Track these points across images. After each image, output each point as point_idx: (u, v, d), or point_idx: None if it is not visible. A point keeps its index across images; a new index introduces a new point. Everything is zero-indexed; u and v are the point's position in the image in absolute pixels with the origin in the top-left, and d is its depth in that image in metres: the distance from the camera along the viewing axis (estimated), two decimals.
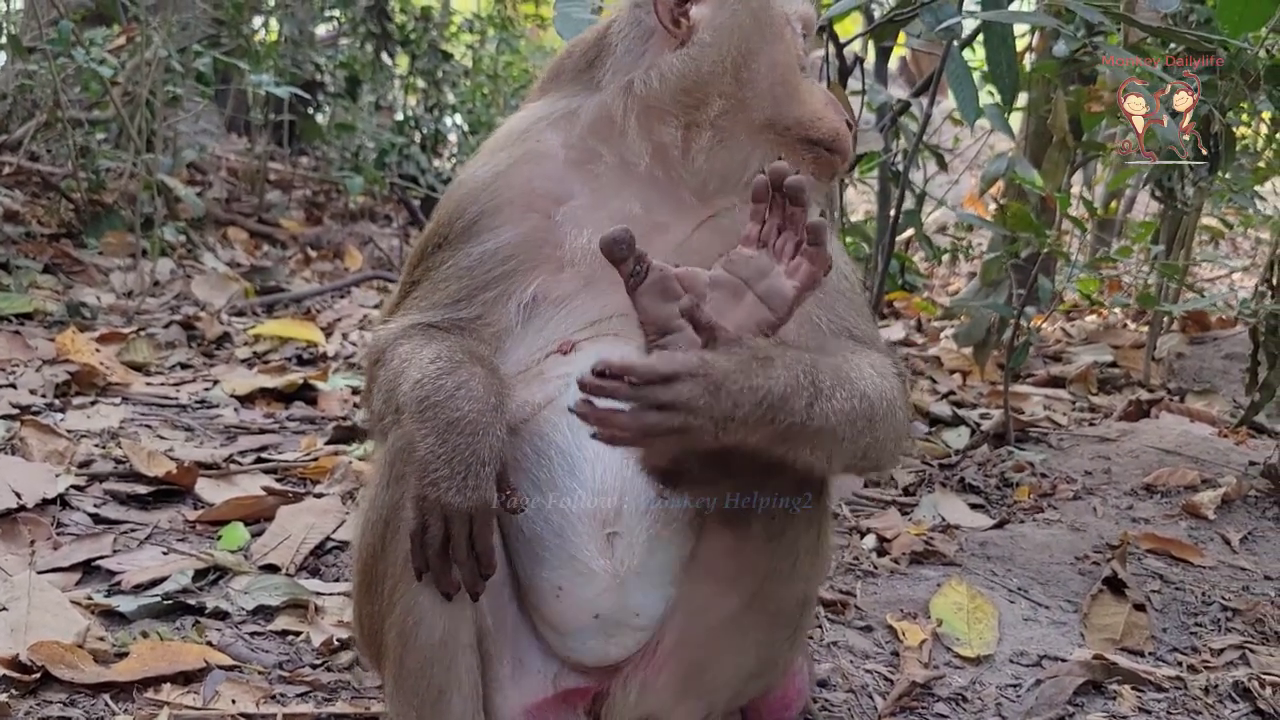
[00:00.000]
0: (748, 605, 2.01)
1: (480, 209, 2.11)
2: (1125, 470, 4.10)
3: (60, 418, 3.98)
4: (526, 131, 2.19)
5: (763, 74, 2.08)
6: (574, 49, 2.26)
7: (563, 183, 2.12)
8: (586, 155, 2.13)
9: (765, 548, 1.99)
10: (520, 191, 2.12)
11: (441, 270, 2.12)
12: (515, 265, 2.09)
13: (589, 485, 2.01)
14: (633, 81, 2.10)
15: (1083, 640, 3.04)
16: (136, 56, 7.13)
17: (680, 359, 1.73)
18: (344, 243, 8.34)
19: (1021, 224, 4.53)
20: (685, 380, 1.71)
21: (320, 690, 2.57)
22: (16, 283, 5.73)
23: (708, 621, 2.03)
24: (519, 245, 2.09)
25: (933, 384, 5.27)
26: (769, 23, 2.12)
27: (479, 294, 2.08)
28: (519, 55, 12.54)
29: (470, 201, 2.13)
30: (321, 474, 3.67)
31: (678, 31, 2.09)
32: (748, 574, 2.00)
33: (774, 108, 2.08)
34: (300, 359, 5.26)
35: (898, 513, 3.70)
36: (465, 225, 2.12)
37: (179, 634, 2.72)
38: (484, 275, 2.09)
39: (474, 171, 2.19)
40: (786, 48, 2.13)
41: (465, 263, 2.10)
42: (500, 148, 2.20)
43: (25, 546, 3.03)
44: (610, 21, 2.21)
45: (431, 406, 1.87)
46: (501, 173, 2.14)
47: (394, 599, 1.99)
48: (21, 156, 7.70)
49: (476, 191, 2.14)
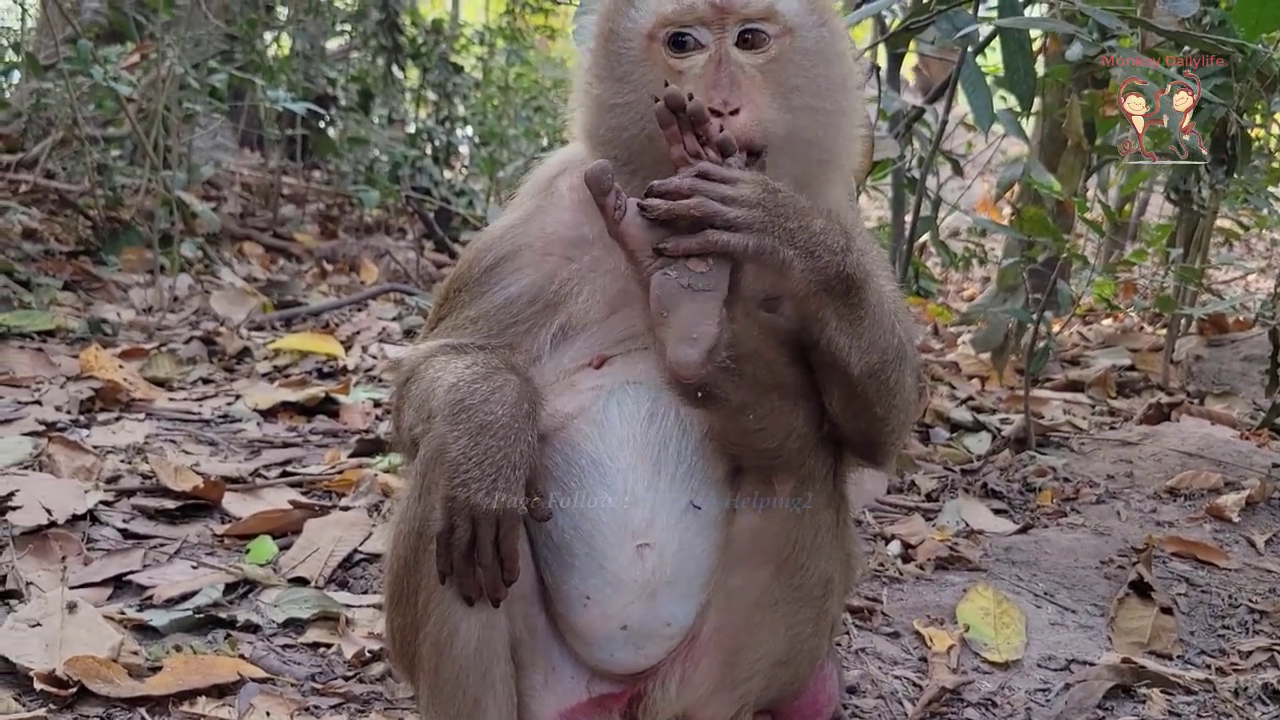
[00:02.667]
0: (775, 576, 2.04)
1: (499, 256, 2.16)
2: (1148, 474, 4.10)
3: (86, 434, 4.01)
4: (544, 179, 2.24)
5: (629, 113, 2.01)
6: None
7: (575, 227, 2.14)
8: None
9: (789, 519, 2.02)
10: (538, 237, 2.15)
11: (468, 310, 2.16)
12: (542, 305, 2.12)
13: (620, 495, 2.02)
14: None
15: (1110, 644, 3.04)
16: (151, 73, 7.18)
17: (741, 170, 1.83)
18: (359, 256, 8.37)
19: (1038, 229, 4.53)
20: (747, 183, 1.80)
21: (353, 702, 2.59)
22: (38, 300, 5.77)
23: (742, 602, 2.05)
24: (542, 288, 2.12)
25: (951, 389, 5.27)
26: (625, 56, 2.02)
27: (508, 330, 2.12)
28: (529, 67, 12.59)
29: (487, 250, 2.18)
30: (347, 487, 3.69)
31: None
32: (773, 545, 2.03)
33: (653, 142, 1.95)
34: (320, 372, 5.29)
35: (921, 519, 3.70)
36: (485, 271, 2.16)
37: (211, 647, 2.74)
38: (510, 317, 2.13)
39: (500, 220, 2.27)
40: (650, 69, 2.00)
41: (489, 305, 2.14)
42: (523, 199, 2.25)
43: (57, 562, 3.05)
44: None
45: (465, 410, 1.90)
46: (520, 221, 2.19)
47: (428, 610, 2.00)
48: (38, 174, 7.76)
49: (495, 240, 2.19)
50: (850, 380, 1.93)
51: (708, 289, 1.79)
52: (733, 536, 2.05)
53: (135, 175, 7.37)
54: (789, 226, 1.81)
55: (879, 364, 1.93)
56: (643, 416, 2.04)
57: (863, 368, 1.92)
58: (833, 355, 1.90)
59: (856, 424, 2.03)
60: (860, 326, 1.90)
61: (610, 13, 2.06)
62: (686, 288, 1.79)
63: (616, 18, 2.05)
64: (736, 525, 2.05)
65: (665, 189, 1.79)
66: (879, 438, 2.08)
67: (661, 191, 1.79)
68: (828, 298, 1.86)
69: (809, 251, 1.82)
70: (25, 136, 8.26)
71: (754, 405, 1.93)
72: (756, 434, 1.97)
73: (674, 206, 1.78)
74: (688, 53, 1.97)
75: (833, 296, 1.86)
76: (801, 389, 1.98)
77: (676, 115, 1.80)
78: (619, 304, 2.08)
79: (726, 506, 2.05)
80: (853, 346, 1.90)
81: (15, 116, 8.26)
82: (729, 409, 1.93)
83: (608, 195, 1.78)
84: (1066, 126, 5.21)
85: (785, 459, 2.00)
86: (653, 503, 2.02)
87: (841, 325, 1.88)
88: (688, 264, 1.79)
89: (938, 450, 4.36)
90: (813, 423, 2.01)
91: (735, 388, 1.89)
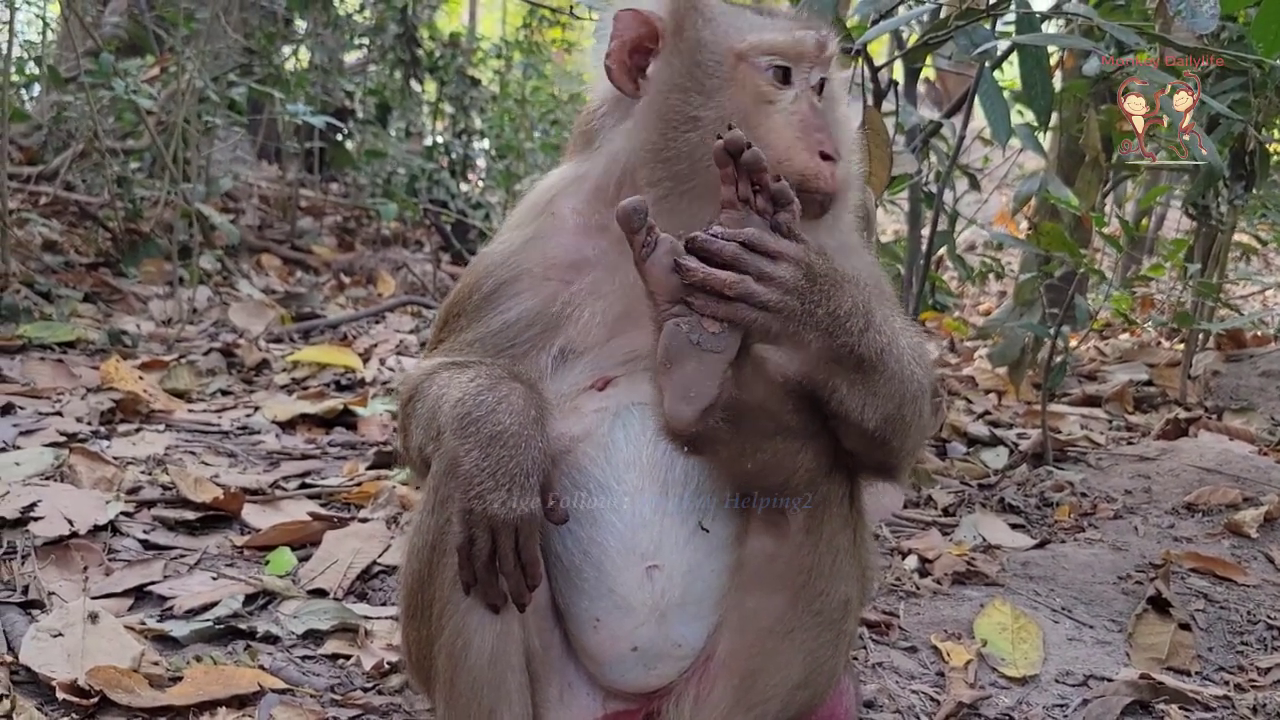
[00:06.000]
0: (792, 604, 2.02)
1: (498, 281, 2.15)
2: (1166, 489, 4.09)
3: (106, 445, 4.03)
4: (541, 201, 2.22)
5: (707, 130, 1.96)
6: (583, 113, 2.25)
7: (575, 250, 2.13)
8: (594, 222, 2.14)
9: (805, 544, 2.00)
10: (538, 263, 2.14)
11: (466, 334, 2.17)
12: (540, 328, 2.12)
13: (628, 518, 2.02)
14: (615, 152, 2.10)
15: (1128, 660, 3.04)
16: (170, 86, 7.24)
17: (787, 242, 1.78)
18: (377, 268, 8.41)
19: (1056, 243, 4.53)
20: (790, 262, 1.76)
21: (372, 713, 2.60)
22: (58, 312, 5.81)
23: (756, 627, 2.04)
24: (540, 313, 2.12)
25: (968, 404, 5.27)
26: (710, 70, 2.01)
27: (506, 351, 2.12)
28: (545, 80, 12.65)
29: (487, 275, 2.17)
30: (365, 499, 3.71)
31: (636, 93, 2.06)
32: (790, 573, 2.01)
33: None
34: (339, 385, 5.31)
35: (939, 533, 3.70)
36: (484, 297, 2.16)
37: (231, 658, 2.75)
38: (508, 340, 2.13)
39: (495, 245, 2.23)
40: (739, 90, 2.00)
41: (487, 329, 2.14)
42: (520, 221, 2.23)
43: (78, 573, 3.07)
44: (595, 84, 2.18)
45: (473, 422, 1.90)
46: (519, 245, 2.17)
47: (443, 622, 2.01)
48: (58, 186, 7.83)
49: (495, 265, 2.17)
50: (865, 431, 1.92)
51: (716, 350, 1.78)
52: (745, 559, 2.04)
53: (154, 188, 7.43)
54: (817, 313, 1.78)
55: (894, 412, 1.91)
56: (648, 438, 2.02)
57: (878, 420, 1.90)
58: (845, 414, 1.89)
59: (871, 456, 2.02)
60: (874, 389, 1.88)
61: (695, 21, 2.03)
62: (695, 344, 1.77)
63: (703, 28, 2.03)
64: (748, 548, 2.03)
65: (707, 248, 1.75)
66: (895, 462, 2.07)
67: (702, 251, 1.75)
68: (839, 369, 1.84)
69: (829, 332, 1.80)
70: (45, 149, 8.34)
71: (753, 453, 1.93)
72: (758, 474, 1.97)
73: (709, 277, 1.74)
74: (786, 87, 2.00)
75: (845, 369, 1.85)
76: (809, 430, 1.95)
77: (733, 159, 1.75)
78: (620, 327, 2.07)
79: (736, 528, 2.04)
80: (866, 405, 1.88)
81: (35, 129, 8.33)
82: (726, 456, 1.94)
83: (638, 233, 1.75)
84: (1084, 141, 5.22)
85: (794, 490, 1.99)
86: (660, 525, 2.02)
87: (853, 391, 1.87)
88: (703, 321, 1.77)
89: (954, 465, 4.36)
90: (822, 456, 1.99)
91: (733, 438, 1.89)
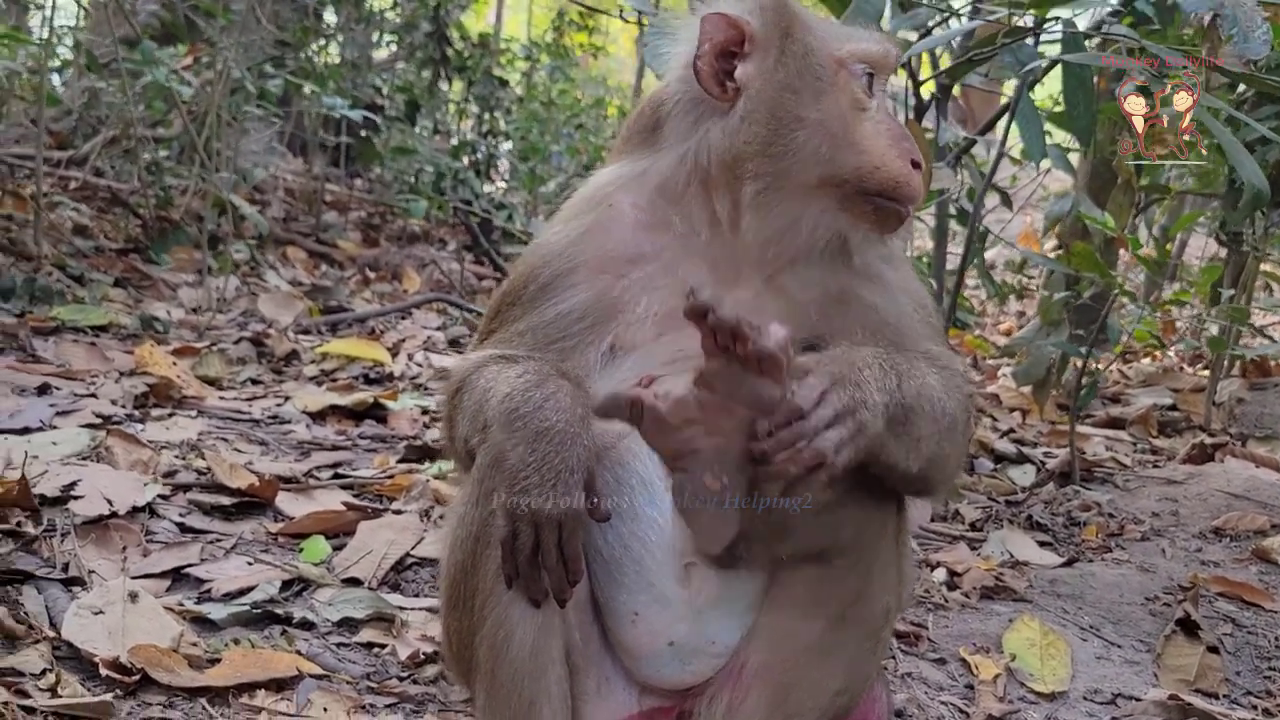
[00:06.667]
0: (832, 628, 2.03)
1: (554, 272, 2.15)
2: (1193, 513, 4.10)
3: (141, 428, 4.06)
4: (599, 195, 2.21)
5: (813, 130, 1.99)
6: (642, 110, 2.24)
7: (634, 245, 2.14)
8: (655, 218, 2.14)
9: (848, 575, 2.01)
10: (594, 255, 2.14)
11: (518, 324, 2.17)
12: (591, 321, 2.12)
13: (668, 514, 2.02)
14: (687, 151, 2.09)
15: (1156, 680, 3.05)
16: (203, 75, 7.29)
17: (813, 384, 1.81)
18: (402, 265, 8.44)
19: (1087, 264, 4.54)
20: (834, 391, 1.81)
21: (408, 702, 2.62)
22: (90, 295, 5.85)
23: (792, 646, 2.05)
24: (593, 305, 2.12)
25: (993, 421, 5.28)
26: (816, 74, 2.03)
27: (556, 344, 2.12)
28: (572, 84, 12.70)
29: (544, 265, 2.16)
30: (398, 491, 3.73)
31: (724, 96, 2.05)
32: (831, 601, 2.02)
33: (829, 162, 2.00)
34: (367, 378, 5.34)
35: (966, 547, 3.72)
36: (540, 287, 2.15)
37: (268, 642, 2.78)
38: (560, 332, 2.13)
39: (550, 235, 2.22)
40: (840, 95, 2.03)
41: (540, 320, 2.14)
42: (576, 213, 2.22)
43: (117, 552, 3.10)
44: (668, 84, 2.17)
45: (520, 417, 1.91)
46: (576, 237, 2.17)
47: (485, 613, 2.02)
48: (87, 172, 7.88)
49: (551, 255, 2.17)
50: (909, 475, 1.94)
51: (722, 503, 1.85)
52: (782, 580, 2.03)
53: (185, 176, 7.48)
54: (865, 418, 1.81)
55: (935, 451, 1.94)
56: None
57: (921, 464, 1.93)
58: (890, 467, 1.91)
59: (913, 489, 2.05)
60: (916, 437, 1.90)
61: (801, 27, 2.06)
62: (703, 502, 1.84)
63: (808, 34, 2.06)
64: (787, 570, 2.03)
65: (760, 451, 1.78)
66: (936, 489, 2.10)
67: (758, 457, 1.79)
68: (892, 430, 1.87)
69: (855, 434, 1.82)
70: (75, 134, 8.40)
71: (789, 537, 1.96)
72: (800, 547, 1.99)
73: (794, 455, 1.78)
74: (871, 95, 2.04)
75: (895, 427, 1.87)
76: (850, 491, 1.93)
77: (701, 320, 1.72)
78: (670, 324, 2.07)
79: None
80: (910, 454, 1.91)
81: (65, 113, 8.38)
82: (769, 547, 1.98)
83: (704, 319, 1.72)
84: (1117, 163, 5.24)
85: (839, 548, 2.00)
86: None
87: (898, 446, 1.89)
88: (705, 477, 1.83)
89: (982, 480, 4.37)
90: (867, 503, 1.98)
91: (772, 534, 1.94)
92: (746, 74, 2.03)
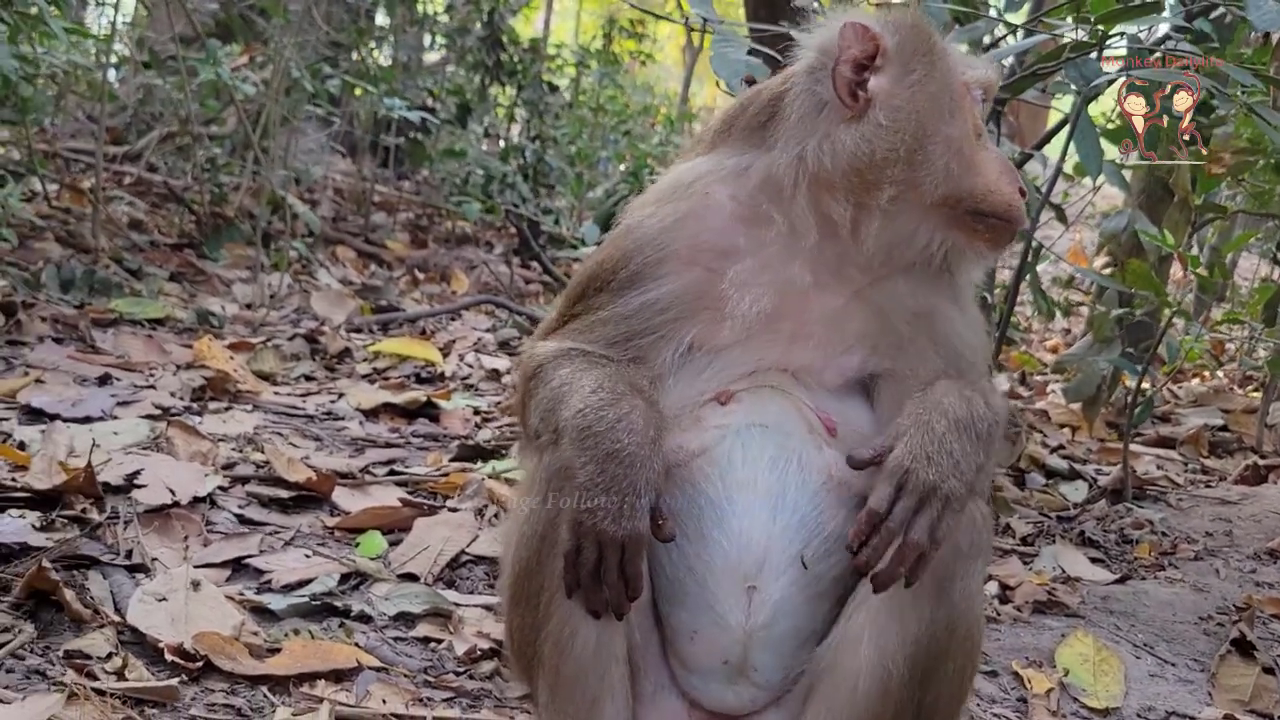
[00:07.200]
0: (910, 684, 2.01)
1: (645, 259, 2.13)
2: (1247, 534, 4.07)
3: (199, 420, 4.12)
4: (695, 184, 2.19)
5: (939, 151, 2.03)
6: (748, 105, 2.23)
7: (729, 238, 2.13)
8: (755, 215, 2.13)
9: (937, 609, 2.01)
10: (686, 245, 2.13)
11: (601, 312, 2.15)
12: (675, 315, 2.12)
13: (735, 538, 2.04)
14: (805, 152, 2.08)
15: (1210, 700, 3.03)
16: (259, 74, 7.38)
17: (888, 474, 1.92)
18: (450, 266, 8.49)
19: (1142, 282, 4.51)
20: (909, 475, 1.90)
21: (465, 696, 2.65)
22: (147, 289, 5.94)
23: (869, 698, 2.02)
24: (680, 296, 2.12)
25: (1043, 437, 5.25)
26: (950, 97, 2.07)
27: (636, 339, 2.12)
28: (620, 90, 12.74)
29: (636, 251, 2.15)
30: (452, 489, 3.76)
31: (854, 105, 2.05)
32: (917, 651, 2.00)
33: (949, 183, 2.04)
34: (419, 377, 5.38)
35: (1019, 561, 3.71)
36: (630, 274, 2.14)
37: (327, 634, 2.81)
38: (642, 323, 2.12)
39: (642, 220, 2.19)
40: (965, 119, 2.08)
41: (625, 310, 2.13)
42: (669, 198, 2.20)
43: (179, 541, 3.15)
44: (786, 84, 2.16)
45: (592, 436, 1.93)
46: (671, 224, 2.15)
47: (550, 610, 2.04)
48: (141, 167, 7.99)
49: (644, 242, 2.15)
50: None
51: None
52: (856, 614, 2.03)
53: (239, 173, 7.56)
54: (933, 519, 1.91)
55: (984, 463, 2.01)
56: (765, 461, 2.05)
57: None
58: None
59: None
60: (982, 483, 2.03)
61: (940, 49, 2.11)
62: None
63: (944, 56, 2.11)
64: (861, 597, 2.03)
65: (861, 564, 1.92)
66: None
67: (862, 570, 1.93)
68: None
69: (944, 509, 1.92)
70: (129, 130, 8.52)
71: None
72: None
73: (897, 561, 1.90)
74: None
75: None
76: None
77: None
78: (757, 326, 2.09)
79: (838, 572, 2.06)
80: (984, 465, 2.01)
81: (120, 109, 8.50)
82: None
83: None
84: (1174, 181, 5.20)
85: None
86: (766, 548, 2.03)
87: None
88: None
89: (1033, 495, 4.35)
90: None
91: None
92: (880, 86, 2.05)
